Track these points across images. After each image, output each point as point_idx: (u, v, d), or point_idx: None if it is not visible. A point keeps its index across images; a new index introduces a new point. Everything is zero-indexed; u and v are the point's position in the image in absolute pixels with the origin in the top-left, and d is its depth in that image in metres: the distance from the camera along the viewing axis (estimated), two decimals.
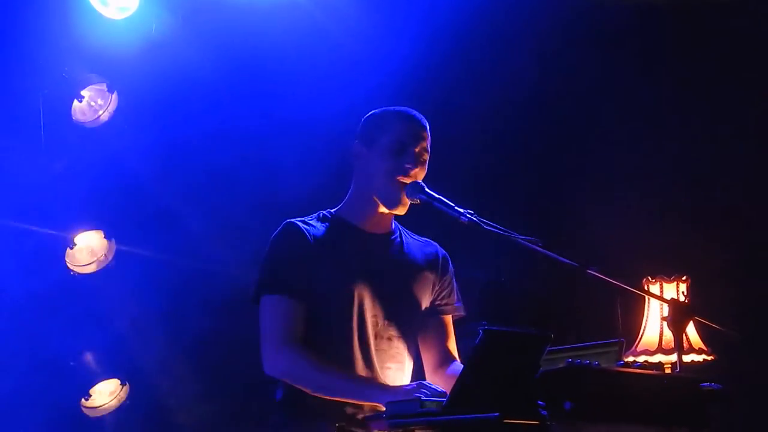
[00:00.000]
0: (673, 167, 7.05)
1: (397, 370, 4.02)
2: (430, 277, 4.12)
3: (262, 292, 3.94)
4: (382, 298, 3.99)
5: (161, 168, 6.41)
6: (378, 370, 3.96)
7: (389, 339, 4.00)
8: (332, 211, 4.10)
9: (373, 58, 6.54)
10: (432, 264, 4.14)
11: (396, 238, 4.12)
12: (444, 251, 4.19)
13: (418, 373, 4.10)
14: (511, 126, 7.06)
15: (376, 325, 3.97)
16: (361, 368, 3.93)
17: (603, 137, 7.08)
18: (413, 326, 4.08)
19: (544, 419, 3.23)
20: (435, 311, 4.14)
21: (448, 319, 4.17)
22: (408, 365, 4.08)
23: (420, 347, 4.13)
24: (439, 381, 4.02)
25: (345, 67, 6.52)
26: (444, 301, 4.15)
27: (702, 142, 7.00)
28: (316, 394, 3.84)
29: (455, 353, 4.14)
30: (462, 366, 3.99)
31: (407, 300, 4.06)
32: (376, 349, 3.96)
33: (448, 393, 3.39)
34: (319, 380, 3.83)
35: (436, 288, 4.14)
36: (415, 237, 4.20)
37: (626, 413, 3.43)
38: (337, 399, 3.83)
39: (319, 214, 4.08)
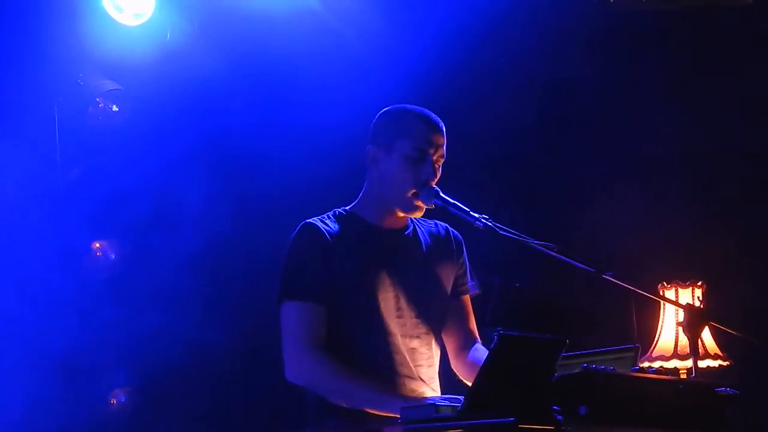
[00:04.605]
0: (690, 171, 7.04)
1: (428, 366, 4.00)
2: (448, 264, 4.09)
3: (283, 298, 3.90)
4: (406, 296, 3.96)
5: (176, 173, 6.42)
6: (412, 368, 3.95)
7: (418, 336, 3.97)
8: (347, 209, 4.06)
9: (387, 63, 6.55)
10: (448, 251, 4.11)
11: (411, 232, 4.07)
12: (454, 231, 4.13)
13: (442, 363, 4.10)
14: (524, 130, 7.06)
15: (403, 324, 3.95)
16: (392, 367, 3.91)
17: (618, 140, 7.07)
18: (440, 321, 4.07)
19: (560, 424, 3.22)
20: (454, 294, 4.11)
21: (467, 299, 4.14)
22: (437, 359, 4.05)
23: (442, 332, 4.10)
24: (461, 366, 4.05)
25: (359, 72, 6.52)
26: (460, 282, 4.12)
27: (720, 146, 6.98)
28: (335, 403, 3.83)
29: (476, 333, 4.13)
30: (483, 348, 4.03)
31: (431, 295, 4.03)
32: (406, 348, 3.94)
33: (468, 384, 3.37)
34: (339, 389, 3.81)
35: (455, 273, 4.11)
36: (426, 222, 4.14)
37: (642, 419, 3.42)
38: (357, 409, 3.80)
39: (334, 212, 4.03)
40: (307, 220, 3.99)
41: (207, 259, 6.51)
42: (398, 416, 3.52)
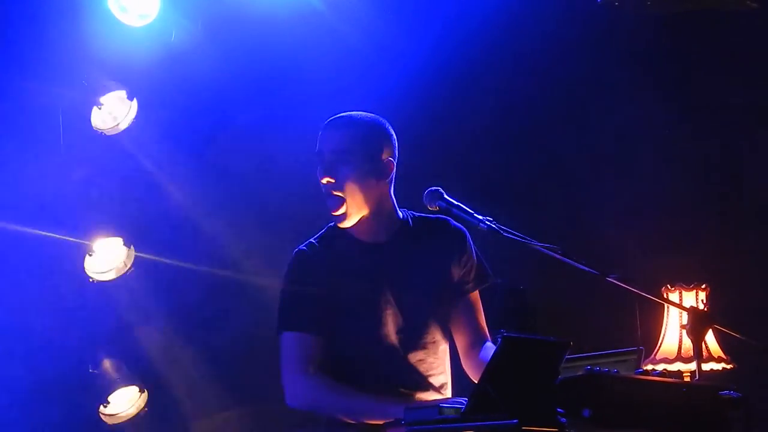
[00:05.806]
0: (693, 174, 7.03)
1: (440, 373, 4.01)
2: (450, 262, 4.04)
3: (280, 329, 3.95)
4: (406, 311, 3.95)
5: (181, 175, 6.42)
6: (421, 380, 3.95)
7: (424, 348, 3.97)
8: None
9: (391, 64, 6.55)
10: (449, 248, 4.06)
11: (401, 242, 4.02)
12: (456, 225, 4.05)
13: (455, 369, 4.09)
14: (528, 130, 7.06)
15: (407, 339, 3.94)
16: (400, 384, 3.92)
17: (623, 143, 7.07)
18: (448, 322, 4.05)
19: (563, 426, 3.23)
20: (461, 292, 4.07)
21: (475, 295, 4.09)
22: (449, 367, 4.05)
23: (450, 330, 4.08)
24: (470, 365, 4.03)
25: (362, 74, 6.52)
26: (467, 279, 4.07)
27: (724, 148, 6.98)
28: (340, 419, 3.84)
29: (485, 331, 4.09)
30: (493, 346, 3.99)
31: (434, 303, 4.01)
32: (414, 361, 3.95)
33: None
34: (339, 407, 3.84)
35: (458, 272, 4.05)
36: (424, 220, 4.07)
37: (645, 421, 3.42)
38: (362, 421, 3.81)
39: (326, 230, 4.05)
40: (300, 248, 4.00)
41: (211, 261, 6.51)
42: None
